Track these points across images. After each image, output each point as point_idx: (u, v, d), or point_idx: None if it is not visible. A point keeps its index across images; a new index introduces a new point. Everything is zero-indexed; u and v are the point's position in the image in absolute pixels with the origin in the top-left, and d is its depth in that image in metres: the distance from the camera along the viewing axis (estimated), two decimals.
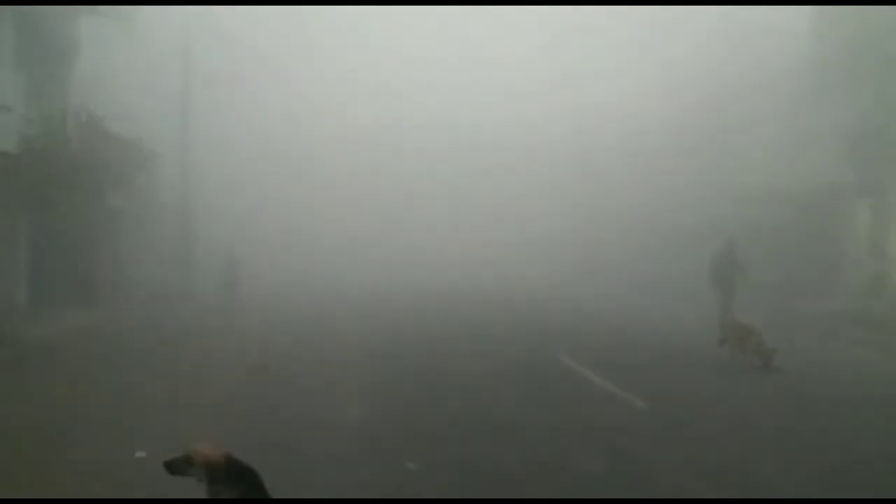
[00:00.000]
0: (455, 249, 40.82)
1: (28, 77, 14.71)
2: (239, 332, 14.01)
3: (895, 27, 16.81)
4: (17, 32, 14.08)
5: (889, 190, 17.77)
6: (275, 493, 3.49)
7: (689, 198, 24.92)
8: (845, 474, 5.54)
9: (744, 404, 7.93)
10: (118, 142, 16.30)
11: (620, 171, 30.98)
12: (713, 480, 5.31)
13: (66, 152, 14.47)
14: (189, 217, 21.53)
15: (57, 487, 4.95)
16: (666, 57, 26.37)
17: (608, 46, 30.78)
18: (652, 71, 27.38)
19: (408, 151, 41.16)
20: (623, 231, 30.42)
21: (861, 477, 5.49)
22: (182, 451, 3.06)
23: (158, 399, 7.82)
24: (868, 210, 18.55)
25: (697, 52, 24.33)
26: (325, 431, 6.55)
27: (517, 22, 38.06)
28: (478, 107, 40.01)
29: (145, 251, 19.89)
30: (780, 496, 5.06)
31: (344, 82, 38.98)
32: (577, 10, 32.22)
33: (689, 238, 24.22)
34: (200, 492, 3.29)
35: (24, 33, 14.30)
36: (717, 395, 8.45)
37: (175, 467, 3.00)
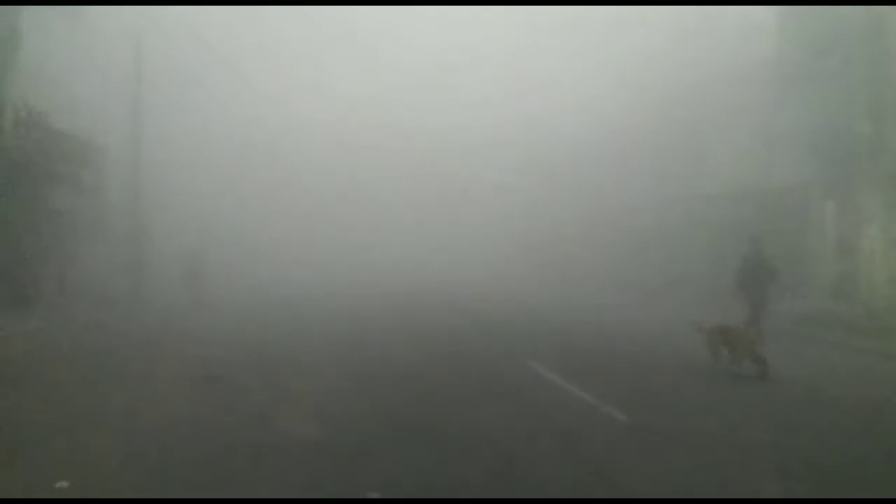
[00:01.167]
0: (423, 252, 40.31)
1: None
2: (193, 339, 13.19)
3: (860, 27, 16.80)
4: None
5: (854, 189, 17.72)
6: None
7: (657, 198, 24.76)
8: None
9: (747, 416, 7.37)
10: (61, 137, 15.36)
11: (585, 172, 30.78)
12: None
13: (2, 147, 13.53)
14: (140, 216, 20.52)
15: None
16: (632, 56, 26.22)
17: (574, 47, 30.57)
18: (617, 71, 27.21)
19: (370, 150, 40.54)
20: (588, 232, 30.20)
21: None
22: None
23: (92, 414, 7.08)
24: (834, 209, 18.50)
25: (664, 51, 24.21)
26: (273, 450, 5.92)
27: (482, 23, 37.69)
28: (439, 110, 39.56)
29: (93, 251, 18.88)
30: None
31: (312, 83, 38.25)
32: (542, 9, 31.99)
33: (657, 238, 24.05)
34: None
35: None
36: (709, 405, 7.89)
37: None
